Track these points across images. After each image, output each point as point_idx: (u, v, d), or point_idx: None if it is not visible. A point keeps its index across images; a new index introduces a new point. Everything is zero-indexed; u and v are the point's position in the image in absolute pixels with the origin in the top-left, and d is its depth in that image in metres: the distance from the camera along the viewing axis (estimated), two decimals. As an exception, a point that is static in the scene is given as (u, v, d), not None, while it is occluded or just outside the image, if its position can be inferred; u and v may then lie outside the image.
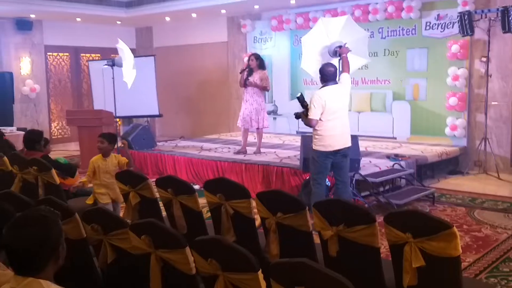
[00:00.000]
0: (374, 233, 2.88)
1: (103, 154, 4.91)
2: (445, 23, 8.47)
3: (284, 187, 6.66)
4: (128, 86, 8.32)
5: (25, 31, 11.07)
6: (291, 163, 7.10)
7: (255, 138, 8.24)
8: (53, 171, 4.87)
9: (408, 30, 8.95)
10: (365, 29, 9.24)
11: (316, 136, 5.21)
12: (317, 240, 3.29)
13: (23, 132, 8.75)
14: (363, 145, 7.97)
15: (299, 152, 7.13)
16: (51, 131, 11.93)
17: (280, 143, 9.18)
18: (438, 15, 8.53)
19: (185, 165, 8.03)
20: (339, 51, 5.70)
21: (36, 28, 11.29)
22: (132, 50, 9.07)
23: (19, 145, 7.34)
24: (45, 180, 4.95)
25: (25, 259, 1.78)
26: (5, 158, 5.39)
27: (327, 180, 6.19)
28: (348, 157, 5.34)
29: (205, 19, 11.48)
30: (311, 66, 6.20)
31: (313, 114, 5.10)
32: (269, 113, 10.88)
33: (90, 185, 5.07)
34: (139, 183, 4.12)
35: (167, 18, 11.67)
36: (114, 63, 8.04)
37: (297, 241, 3.33)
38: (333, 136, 5.14)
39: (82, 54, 12.53)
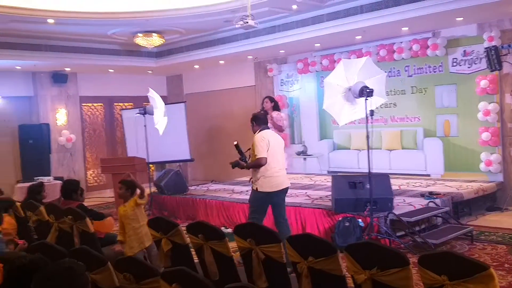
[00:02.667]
0: (408, 276, 2.81)
1: (124, 200, 4.96)
2: (472, 59, 8.43)
3: (316, 229, 6.58)
4: (160, 133, 8.54)
5: (60, 83, 11.56)
6: (322, 204, 7.04)
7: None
8: (88, 220, 4.97)
9: (435, 67, 8.94)
10: (391, 68, 9.37)
11: (263, 179, 5.41)
12: (350, 283, 3.22)
13: (60, 182, 9.03)
14: (395, 184, 7.86)
15: (330, 193, 7.08)
16: (87, 179, 12.21)
17: (311, 184, 9.13)
18: (465, 51, 8.51)
19: (217, 209, 8.05)
20: None
21: (71, 80, 11.77)
22: (164, 98, 9.36)
23: (56, 194, 7.55)
24: (80, 229, 5.04)
25: None
26: (42, 208, 5.54)
27: (360, 221, 6.11)
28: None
29: (233, 65, 11.75)
30: (332, 106, 6.26)
31: (261, 153, 5.34)
32: (298, 153, 10.92)
33: None
34: (170, 230, 4.16)
35: (196, 66, 12.01)
36: (145, 112, 8.28)
37: (330, 285, 3.27)
38: (280, 176, 5.47)
39: (115, 104, 12.95)
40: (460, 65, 8.59)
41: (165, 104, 8.95)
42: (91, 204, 7.74)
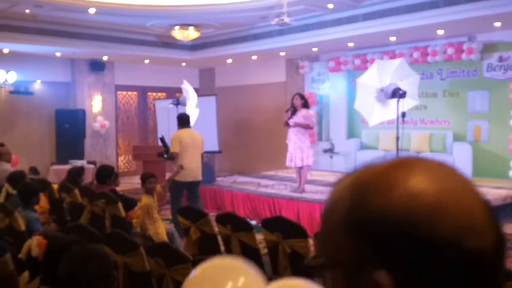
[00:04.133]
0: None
1: (150, 193, 5.12)
2: (508, 65, 8.34)
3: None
4: (191, 124, 8.71)
5: (98, 71, 11.88)
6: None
7: (311, 176, 8.26)
8: (120, 205, 5.18)
9: (469, 72, 8.87)
10: (424, 71, 9.33)
11: (175, 168, 6.45)
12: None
13: (93, 166, 9.34)
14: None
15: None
16: (118, 164, 12.53)
17: (337, 182, 9.17)
18: (501, 57, 8.42)
19: (243, 201, 8.21)
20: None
21: (108, 68, 12.08)
22: (196, 90, 9.51)
23: (88, 178, 7.82)
24: (112, 213, 5.26)
25: None
26: (76, 191, 5.79)
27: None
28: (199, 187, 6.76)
29: (265, 60, 11.86)
30: (364, 106, 6.32)
31: (173, 148, 6.53)
32: (325, 151, 10.98)
33: None
34: (199, 219, 4.32)
35: (229, 60, 12.16)
36: (178, 102, 8.46)
37: None
38: (191, 169, 6.45)
39: (149, 93, 13.23)
40: (495, 71, 8.51)
41: (197, 97, 9.13)
42: (121, 189, 8.00)
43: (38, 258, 2.56)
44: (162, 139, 6.87)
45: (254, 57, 11.59)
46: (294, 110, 7.68)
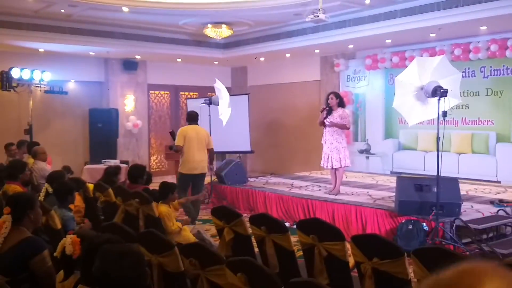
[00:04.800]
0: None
1: (167, 202, 5.21)
2: (556, 61, 7.92)
3: (377, 229, 6.43)
4: (223, 123, 8.62)
5: (130, 71, 11.93)
6: (385, 205, 6.86)
7: (346, 177, 8.03)
8: (154, 204, 5.09)
9: (514, 69, 8.48)
10: (465, 68, 8.98)
11: (181, 162, 7.09)
12: (416, 289, 3.11)
13: (126, 165, 9.34)
14: (464, 189, 7.53)
15: (393, 194, 6.89)
16: (150, 164, 12.57)
17: (373, 183, 8.92)
18: (548, 53, 8.01)
19: (276, 202, 8.04)
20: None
21: (141, 68, 12.12)
22: (228, 89, 9.45)
23: (121, 177, 7.80)
24: (146, 212, 5.18)
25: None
26: (110, 190, 5.73)
27: (424, 225, 5.91)
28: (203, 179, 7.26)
29: (299, 58, 11.67)
30: (403, 105, 6.06)
31: (177, 142, 7.07)
32: (361, 151, 10.71)
33: None
34: (233, 219, 4.18)
35: (262, 58, 12.02)
36: (211, 102, 8.38)
37: (395, 288, 3.18)
38: (194, 162, 6.98)
39: (181, 93, 13.22)
40: (541, 68, 8.10)
41: (229, 96, 9.04)
42: (153, 188, 8.00)
43: (72, 256, 2.58)
44: (172, 133, 7.44)
45: (287, 55, 11.42)
46: (329, 110, 7.48)
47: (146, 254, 3.32)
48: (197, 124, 7.29)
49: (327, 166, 7.68)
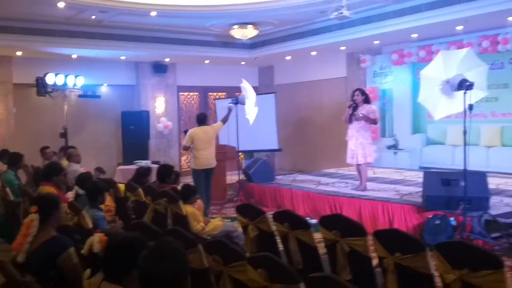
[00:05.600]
0: (501, 279, 2.68)
1: (190, 203, 5.37)
2: None
3: (404, 225, 6.43)
4: (250, 122, 8.74)
5: (160, 73, 12.18)
6: (412, 200, 6.84)
7: (374, 173, 8.00)
8: (181, 203, 5.24)
9: (543, 60, 8.29)
10: (494, 60, 8.82)
11: (192, 159, 7.91)
12: (439, 283, 3.14)
13: (156, 166, 9.56)
14: (493, 182, 7.44)
15: (421, 189, 6.86)
16: (181, 164, 12.80)
17: (401, 179, 8.88)
18: None
19: (302, 199, 8.10)
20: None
21: (170, 70, 12.37)
22: (255, 88, 9.54)
23: (153, 178, 8.01)
24: (174, 211, 5.33)
25: (163, 286, 1.97)
26: (140, 190, 5.92)
27: (452, 219, 5.88)
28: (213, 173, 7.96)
29: (324, 56, 11.68)
30: (428, 100, 6.03)
31: (184, 142, 7.94)
32: (389, 147, 10.65)
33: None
34: (257, 216, 4.28)
35: (288, 57, 12.08)
36: (237, 101, 8.50)
37: (417, 283, 3.20)
38: (203, 159, 7.71)
39: (209, 93, 13.41)
40: None
41: (257, 95, 9.14)
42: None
43: (99, 254, 2.64)
44: (186, 132, 8.06)
45: (313, 53, 11.44)
46: (355, 106, 7.48)
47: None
48: (206, 125, 7.94)
49: (353, 162, 7.70)
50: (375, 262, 3.60)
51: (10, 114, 10.37)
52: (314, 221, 6.53)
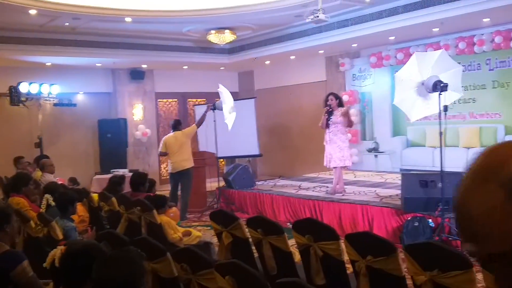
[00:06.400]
0: (471, 279, 2.65)
1: (163, 212, 5.33)
2: (562, 50, 7.78)
3: (384, 228, 6.39)
4: (229, 128, 8.65)
5: (138, 80, 12.04)
6: (391, 203, 6.81)
7: (355, 176, 7.91)
8: (155, 212, 5.12)
9: (519, 60, 8.35)
10: (471, 61, 8.87)
11: (168, 164, 8.63)
12: (411, 284, 3.08)
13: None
14: (472, 184, 7.42)
15: (400, 191, 6.83)
16: (161, 172, 12.64)
17: (382, 182, 8.85)
18: (553, 42, 7.87)
19: (283, 204, 8.03)
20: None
21: (148, 77, 12.23)
22: (235, 93, 9.48)
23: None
24: (148, 220, 5.21)
25: None
26: (114, 199, 5.79)
27: (430, 221, 5.85)
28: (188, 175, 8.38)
29: (304, 60, 11.66)
30: (404, 102, 6.02)
31: (159, 149, 8.63)
32: (369, 150, 10.64)
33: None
34: (231, 223, 4.19)
35: (267, 62, 12.04)
36: (215, 107, 8.42)
37: (389, 285, 3.15)
38: (174, 163, 8.36)
39: (189, 99, 13.29)
40: (548, 58, 7.96)
41: (236, 100, 9.06)
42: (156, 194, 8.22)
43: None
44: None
45: (292, 57, 11.41)
46: (331, 111, 7.49)
47: (139, 260, 3.36)
48: (179, 130, 8.45)
49: (329, 165, 7.67)
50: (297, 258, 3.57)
51: (-19, 124, 10.16)
52: (292, 226, 6.47)
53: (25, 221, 4.56)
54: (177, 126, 8.51)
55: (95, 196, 6.29)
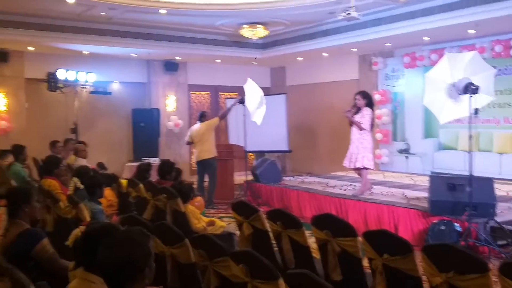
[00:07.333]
0: (487, 284, 2.62)
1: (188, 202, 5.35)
2: None
3: (410, 229, 6.32)
4: (258, 123, 8.71)
5: (172, 71, 12.22)
6: (419, 205, 6.72)
7: (384, 177, 7.83)
8: (179, 200, 5.22)
9: (558, 65, 8.09)
10: (507, 65, 8.64)
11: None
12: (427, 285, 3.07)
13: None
14: (504, 189, 7.29)
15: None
16: (191, 162, 12.80)
17: (411, 183, 8.73)
18: None
19: (309, 201, 8.03)
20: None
21: (181, 69, 12.40)
22: (267, 89, 9.51)
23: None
24: (173, 208, 5.32)
25: (113, 277, 1.94)
26: (141, 185, 5.93)
27: (457, 225, 5.76)
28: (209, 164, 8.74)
29: (336, 57, 11.58)
30: (434, 103, 5.93)
31: (186, 139, 9.16)
32: (400, 151, 10.52)
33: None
34: (251, 214, 4.24)
35: (299, 58, 12.02)
36: (243, 101, 8.52)
37: (405, 284, 3.14)
38: (196, 152, 8.82)
39: (220, 92, 13.40)
40: None
41: (267, 95, 9.10)
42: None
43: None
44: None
45: (325, 54, 11.36)
46: (357, 110, 7.42)
47: (160, 245, 3.44)
48: (203, 122, 8.75)
49: (350, 165, 7.62)
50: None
51: (22, 109, 10.51)
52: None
53: (55, 202, 4.72)
54: (202, 117, 8.81)
55: (124, 182, 6.46)
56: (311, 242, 3.98)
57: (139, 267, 1.94)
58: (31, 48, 10.07)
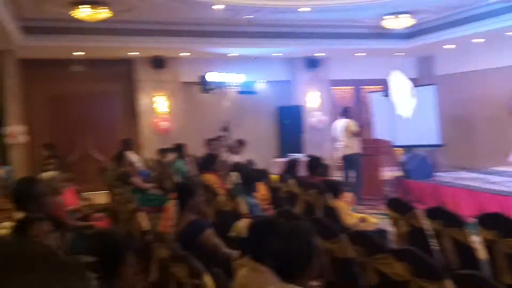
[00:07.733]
0: None
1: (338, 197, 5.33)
2: None
3: None
4: (403, 116, 8.38)
5: (313, 68, 12.31)
6: None
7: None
8: (329, 196, 5.24)
9: None
10: None
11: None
12: None
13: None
14: None
15: None
16: (334, 158, 12.74)
17: None
18: None
19: (466, 198, 7.50)
20: None
21: (323, 64, 12.41)
22: (414, 80, 9.06)
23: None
24: (323, 203, 5.36)
25: (285, 267, 2.02)
26: (291, 181, 6.07)
27: None
28: None
29: (491, 43, 10.60)
30: None
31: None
32: None
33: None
34: (407, 212, 4.10)
35: (450, 46, 11.24)
36: (388, 94, 8.26)
37: None
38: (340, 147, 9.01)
39: (363, 86, 13.11)
40: None
41: (415, 87, 8.70)
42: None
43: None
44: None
45: (478, 40, 10.46)
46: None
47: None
48: (346, 117, 9.03)
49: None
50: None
51: (178, 110, 11.43)
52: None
53: (215, 195, 5.06)
54: (345, 113, 9.10)
55: (273, 177, 6.68)
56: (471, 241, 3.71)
57: (309, 258, 2.01)
58: (185, 54, 10.88)
